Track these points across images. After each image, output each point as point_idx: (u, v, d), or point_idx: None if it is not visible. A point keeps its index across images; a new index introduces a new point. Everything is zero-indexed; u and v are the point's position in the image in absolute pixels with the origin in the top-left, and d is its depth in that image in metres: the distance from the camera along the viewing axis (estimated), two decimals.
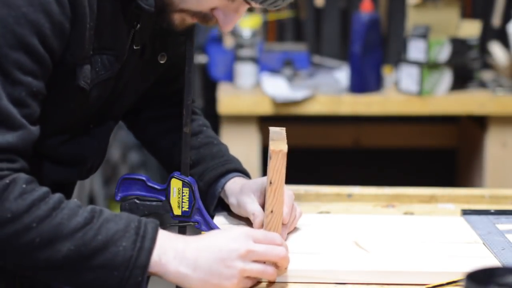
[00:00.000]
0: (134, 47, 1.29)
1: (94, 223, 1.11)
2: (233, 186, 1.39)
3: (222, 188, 1.40)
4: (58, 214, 1.09)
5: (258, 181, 1.35)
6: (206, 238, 1.16)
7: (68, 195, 1.35)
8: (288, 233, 1.34)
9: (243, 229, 1.18)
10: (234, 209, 1.38)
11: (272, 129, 1.28)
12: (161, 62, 1.37)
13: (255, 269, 1.14)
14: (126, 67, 1.29)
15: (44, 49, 1.12)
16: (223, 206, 1.42)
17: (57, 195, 1.12)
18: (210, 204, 1.41)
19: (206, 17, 1.26)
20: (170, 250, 1.13)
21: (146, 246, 1.11)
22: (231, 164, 1.44)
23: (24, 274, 1.21)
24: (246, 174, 1.44)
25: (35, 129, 1.13)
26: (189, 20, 1.26)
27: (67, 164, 1.30)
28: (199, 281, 1.12)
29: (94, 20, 1.19)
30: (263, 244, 1.15)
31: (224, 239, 1.14)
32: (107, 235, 1.10)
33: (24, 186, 1.09)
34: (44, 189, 1.11)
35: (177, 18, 1.26)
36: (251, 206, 1.33)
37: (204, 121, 1.52)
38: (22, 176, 1.10)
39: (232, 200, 1.38)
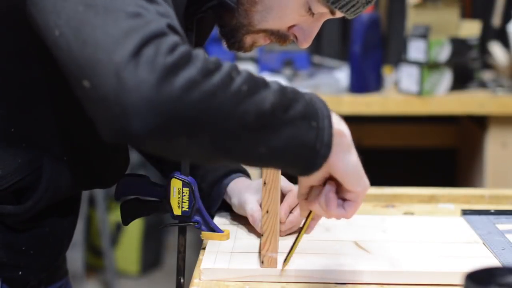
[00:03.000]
0: None
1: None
2: (235, 187, 1.40)
3: (225, 188, 1.41)
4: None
5: (259, 181, 1.35)
6: None
7: (78, 200, 1.35)
8: (290, 234, 1.35)
9: None
10: (235, 209, 1.39)
11: None
12: None
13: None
14: None
15: None
16: (221, 206, 1.43)
17: None
18: (215, 204, 1.42)
19: (283, 37, 1.22)
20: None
21: (323, 102, 1.05)
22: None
23: (220, 150, 0.98)
24: (247, 175, 1.44)
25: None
26: (261, 42, 1.23)
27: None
28: (355, 162, 1.12)
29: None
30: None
31: None
32: (293, 89, 1.01)
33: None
34: None
35: (249, 40, 1.22)
36: (250, 206, 1.34)
37: None
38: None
39: (234, 200, 1.39)
